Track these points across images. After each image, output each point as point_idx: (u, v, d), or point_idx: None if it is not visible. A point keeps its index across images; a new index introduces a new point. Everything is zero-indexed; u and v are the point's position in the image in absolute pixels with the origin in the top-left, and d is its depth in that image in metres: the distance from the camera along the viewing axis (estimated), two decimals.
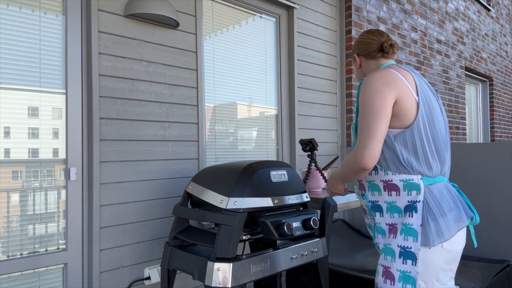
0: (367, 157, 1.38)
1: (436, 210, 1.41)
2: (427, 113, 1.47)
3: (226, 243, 1.71)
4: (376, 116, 1.39)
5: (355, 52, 1.68)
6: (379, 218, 1.52)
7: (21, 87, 1.97)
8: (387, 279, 1.45)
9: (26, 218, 1.98)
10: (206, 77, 2.73)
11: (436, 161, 1.48)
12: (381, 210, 1.52)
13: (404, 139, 1.44)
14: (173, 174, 2.44)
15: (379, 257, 1.53)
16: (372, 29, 1.68)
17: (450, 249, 1.43)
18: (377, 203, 1.53)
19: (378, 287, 1.50)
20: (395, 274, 1.43)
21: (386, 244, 1.50)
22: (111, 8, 2.20)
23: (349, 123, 3.66)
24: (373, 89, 1.43)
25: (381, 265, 1.50)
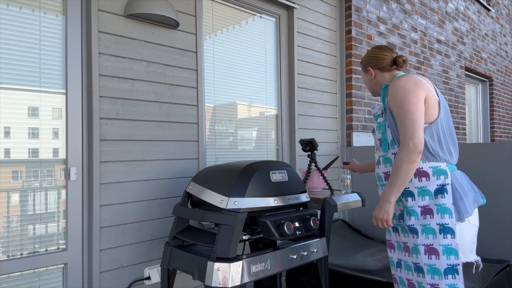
0: (418, 142, 1.60)
1: (460, 191, 1.66)
2: (445, 110, 1.73)
3: (226, 243, 1.71)
4: (416, 110, 1.63)
5: (370, 66, 1.90)
6: (411, 202, 1.70)
7: (21, 87, 1.97)
8: (432, 255, 1.63)
9: (26, 218, 1.98)
10: (206, 77, 2.73)
11: (455, 151, 1.75)
12: (413, 195, 1.70)
13: (431, 132, 1.68)
14: (173, 174, 2.44)
15: (415, 238, 1.67)
16: (381, 45, 1.94)
17: (474, 223, 1.70)
18: (408, 189, 1.71)
19: (423, 264, 1.64)
20: (438, 249, 1.62)
21: (424, 225, 1.67)
22: (111, 8, 2.20)
23: (349, 123, 3.66)
24: (407, 90, 1.66)
25: (421, 245, 1.66)
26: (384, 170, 1.81)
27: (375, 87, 1.93)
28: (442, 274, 1.61)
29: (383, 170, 1.82)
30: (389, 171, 1.77)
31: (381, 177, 1.83)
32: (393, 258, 1.82)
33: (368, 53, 1.93)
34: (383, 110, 1.81)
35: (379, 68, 1.88)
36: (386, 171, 1.80)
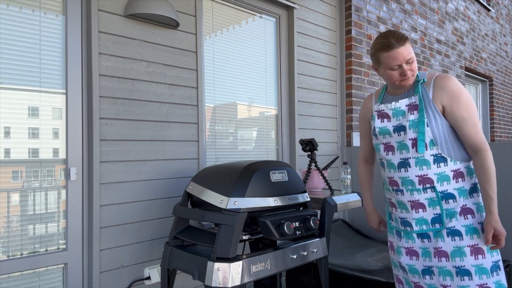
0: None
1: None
2: None
3: (226, 243, 1.71)
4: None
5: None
6: (453, 203, 1.63)
7: (21, 87, 1.97)
8: (478, 255, 1.59)
9: (26, 218, 1.98)
10: (206, 77, 2.73)
11: None
12: (454, 197, 1.63)
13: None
14: (173, 174, 2.44)
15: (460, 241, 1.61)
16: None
17: None
18: (447, 191, 1.64)
19: (470, 266, 1.58)
20: (483, 248, 1.59)
21: (467, 225, 1.61)
22: (111, 8, 2.20)
23: (349, 123, 3.66)
24: (466, 91, 1.63)
25: (467, 246, 1.60)
26: (418, 173, 1.64)
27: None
28: (489, 273, 1.57)
29: (416, 173, 1.65)
30: (426, 174, 1.63)
31: (413, 182, 1.66)
32: (416, 266, 1.70)
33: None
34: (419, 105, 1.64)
35: None
36: (422, 174, 1.64)
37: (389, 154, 1.73)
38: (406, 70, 1.62)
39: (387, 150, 1.75)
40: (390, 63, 1.62)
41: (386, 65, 1.64)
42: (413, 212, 1.69)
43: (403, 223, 1.74)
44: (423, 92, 1.66)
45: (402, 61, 1.60)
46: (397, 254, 1.78)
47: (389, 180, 1.76)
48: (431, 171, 1.63)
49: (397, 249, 1.78)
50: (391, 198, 1.79)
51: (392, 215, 1.84)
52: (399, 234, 1.79)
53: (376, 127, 1.77)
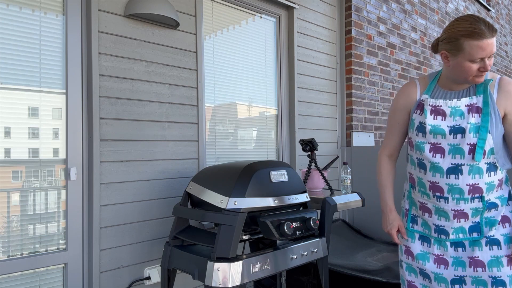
0: None
1: None
2: None
3: (226, 243, 1.71)
4: None
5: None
6: (494, 212, 1.57)
7: (21, 87, 1.97)
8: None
9: (26, 218, 1.98)
10: (206, 77, 2.73)
11: None
12: (496, 206, 1.57)
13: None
14: (173, 174, 2.44)
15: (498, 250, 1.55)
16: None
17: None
18: (490, 201, 1.57)
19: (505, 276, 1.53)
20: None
21: (505, 235, 1.56)
22: (111, 8, 2.20)
23: (349, 123, 3.66)
24: None
25: (504, 256, 1.55)
26: (470, 182, 1.52)
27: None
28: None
29: (468, 181, 1.52)
30: (477, 183, 1.52)
31: (462, 190, 1.53)
32: (444, 275, 1.61)
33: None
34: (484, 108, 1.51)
35: None
36: (473, 183, 1.52)
37: (437, 156, 1.56)
38: (488, 65, 1.44)
39: (434, 152, 1.56)
40: (475, 54, 1.42)
41: (469, 55, 1.43)
42: (454, 222, 1.58)
43: (437, 231, 1.63)
44: (490, 95, 1.51)
45: (488, 54, 1.42)
46: (421, 260, 1.67)
47: (430, 185, 1.60)
48: (482, 180, 1.52)
49: (421, 255, 1.67)
50: (426, 203, 1.65)
51: (417, 219, 1.71)
52: (426, 240, 1.67)
53: (427, 123, 1.57)
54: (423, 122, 1.60)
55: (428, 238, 1.67)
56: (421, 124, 1.61)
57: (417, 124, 1.62)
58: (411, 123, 1.65)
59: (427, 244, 1.67)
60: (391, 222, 1.75)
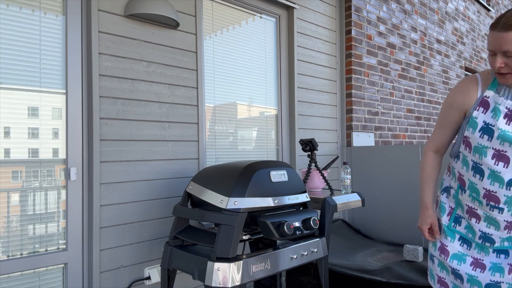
0: None
1: None
2: None
3: (226, 243, 1.71)
4: None
5: None
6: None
7: (21, 87, 1.97)
8: None
9: (26, 218, 1.98)
10: (206, 77, 2.73)
11: None
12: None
13: None
14: (173, 174, 2.44)
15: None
16: None
17: None
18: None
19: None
20: None
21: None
22: (111, 8, 2.20)
23: (349, 123, 3.66)
24: None
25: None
26: None
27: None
28: None
29: None
30: None
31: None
32: (479, 278, 1.55)
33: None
34: None
35: None
36: None
37: (499, 164, 1.43)
38: (498, 61, 1.36)
39: (497, 159, 1.43)
40: (489, 45, 1.38)
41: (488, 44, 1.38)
42: (504, 232, 1.51)
43: (483, 238, 1.56)
44: None
45: (496, 48, 1.35)
46: (456, 261, 1.60)
47: (485, 193, 1.49)
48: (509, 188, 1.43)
49: (458, 256, 1.60)
50: (476, 209, 1.55)
51: (461, 220, 1.63)
52: (466, 242, 1.61)
53: (497, 127, 1.42)
54: (491, 123, 1.44)
55: (469, 241, 1.61)
56: (487, 125, 1.45)
57: (481, 124, 1.46)
58: (472, 122, 1.49)
59: (467, 246, 1.60)
60: (425, 219, 1.68)
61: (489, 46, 1.38)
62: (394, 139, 4.22)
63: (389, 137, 4.15)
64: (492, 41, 1.35)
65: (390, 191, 3.36)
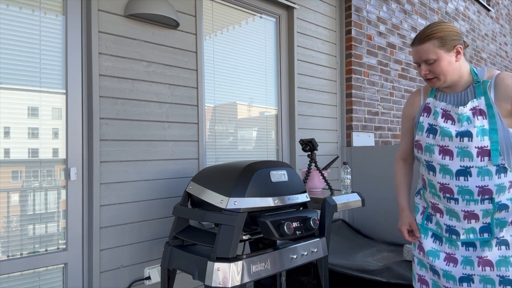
0: None
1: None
2: None
3: (226, 243, 1.71)
4: None
5: (460, 43, 1.56)
6: (504, 213, 1.58)
7: (21, 87, 1.97)
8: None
9: (26, 218, 1.98)
10: (206, 77, 2.74)
11: None
12: (507, 207, 1.58)
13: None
14: (173, 174, 2.44)
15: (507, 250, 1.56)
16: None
17: None
18: (501, 202, 1.57)
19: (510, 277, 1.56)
20: None
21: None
22: (111, 8, 2.20)
23: (349, 123, 3.66)
24: None
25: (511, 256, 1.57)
26: (479, 183, 1.54)
27: (455, 73, 1.58)
28: None
29: (477, 183, 1.54)
30: (486, 185, 1.54)
31: (472, 192, 1.55)
32: (453, 272, 1.63)
33: (449, 27, 1.55)
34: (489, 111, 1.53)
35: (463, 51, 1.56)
36: (482, 185, 1.54)
37: (446, 158, 1.59)
38: (422, 70, 1.58)
39: (443, 154, 1.60)
40: (413, 59, 1.63)
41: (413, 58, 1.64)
42: (464, 222, 1.61)
43: (448, 231, 1.67)
44: (489, 98, 1.54)
45: (418, 59, 1.58)
46: (431, 257, 1.71)
47: (440, 186, 1.63)
48: (492, 182, 1.54)
49: (432, 252, 1.71)
50: (438, 204, 1.69)
51: (432, 218, 1.75)
52: (438, 238, 1.71)
53: (438, 125, 1.61)
54: (434, 124, 1.63)
55: (440, 237, 1.71)
56: (431, 126, 1.64)
57: (427, 126, 1.65)
58: (419, 126, 1.69)
59: (439, 242, 1.71)
60: (403, 220, 1.82)
61: (414, 60, 1.61)
62: (394, 139, 4.22)
63: (389, 137, 4.15)
64: (414, 55, 1.59)
65: (390, 191, 3.36)
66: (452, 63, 1.55)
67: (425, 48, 1.54)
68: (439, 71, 1.55)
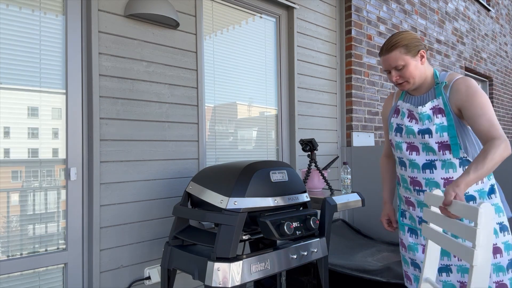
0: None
1: (501, 191, 1.74)
2: None
3: (226, 243, 1.71)
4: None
5: (423, 49, 1.73)
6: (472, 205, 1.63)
7: (21, 87, 1.97)
8: (496, 254, 1.62)
9: (26, 218, 1.98)
10: (206, 77, 2.73)
11: None
12: (474, 198, 1.65)
13: None
14: (173, 174, 2.44)
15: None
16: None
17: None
18: (468, 193, 1.65)
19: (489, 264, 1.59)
20: (501, 247, 1.63)
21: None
22: (111, 8, 2.20)
23: (349, 123, 3.66)
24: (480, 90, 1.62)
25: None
26: (444, 175, 1.65)
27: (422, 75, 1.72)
28: (505, 270, 1.61)
29: (442, 175, 1.66)
30: (451, 176, 1.64)
31: (438, 184, 1.67)
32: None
33: (411, 35, 1.71)
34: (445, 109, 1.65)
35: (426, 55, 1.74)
36: (447, 176, 1.65)
37: (413, 154, 1.73)
38: (393, 76, 1.70)
39: (410, 150, 1.74)
40: (382, 67, 1.75)
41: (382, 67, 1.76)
42: None
43: (421, 223, 1.75)
44: (445, 95, 1.66)
45: (387, 67, 1.71)
46: (411, 251, 1.80)
47: (410, 180, 1.75)
48: (457, 174, 1.64)
49: (412, 246, 1.79)
50: (410, 197, 1.79)
51: (405, 213, 1.84)
52: (414, 232, 1.80)
53: (405, 125, 1.75)
54: (400, 123, 1.78)
55: (415, 230, 1.80)
56: (398, 125, 1.79)
57: (395, 126, 1.81)
58: (390, 126, 1.84)
59: (415, 236, 1.80)
60: (383, 212, 1.98)
61: (384, 68, 1.73)
62: None
63: None
64: (384, 63, 1.71)
65: None
66: (418, 66, 1.71)
67: (393, 56, 1.67)
68: (408, 75, 1.68)
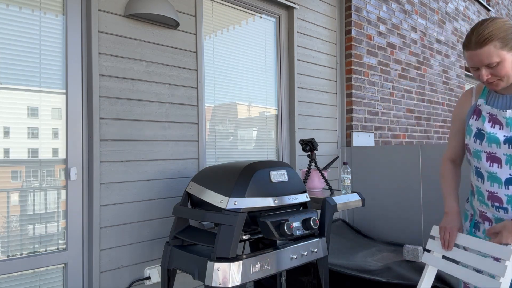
0: None
1: None
2: None
3: (226, 243, 1.71)
4: None
5: None
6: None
7: (21, 87, 1.97)
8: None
9: (26, 218, 1.98)
10: (206, 77, 2.73)
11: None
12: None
13: None
14: (173, 174, 2.44)
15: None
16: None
17: None
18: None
19: None
20: None
21: None
22: (111, 8, 2.20)
23: (349, 123, 3.66)
24: None
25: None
26: None
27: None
28: None
29: None
30: None
31: None
32: None
33: (506, 23, 1.39)
34: None
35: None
36: None
37: (494, 166, 1.49)
38: (483, 75, 1.41)
39: (491, 161, 1.49)
40: (468, 63, 1.44)
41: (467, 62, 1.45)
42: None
43: None
44: None
45: (477, 64, 1.41)
46: None
47: (489, 195, 1.52)
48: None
49: None
50: (486, 212, 1.58)
51: (479, 225, 1.64)
52: None
53: (486, 131, 1.50)
54: (481, 128, 1.52)
55: None
56: (479, 130, 1.53)
57: (475, 130, 1.55)
58: (468, 129, 1.58)
59: None
60: (444, 222, 1.67)
61: (470, 64, 1.44)
62: (394, 139, 4.22)
63: (389, 137, 4.15)
64: (472, 60, 1.41)
65: (390, 191, 3.36)
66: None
67: (486, 51, 1.36)
68: (503, 73, 1.39)
